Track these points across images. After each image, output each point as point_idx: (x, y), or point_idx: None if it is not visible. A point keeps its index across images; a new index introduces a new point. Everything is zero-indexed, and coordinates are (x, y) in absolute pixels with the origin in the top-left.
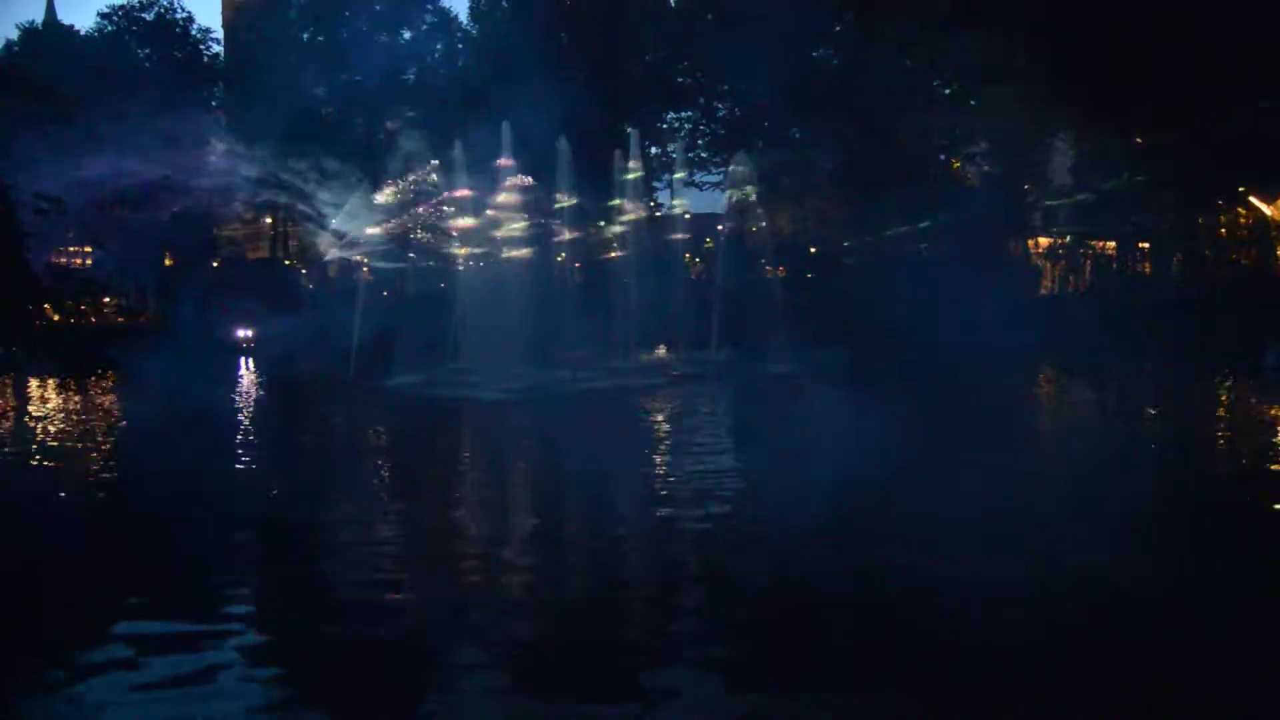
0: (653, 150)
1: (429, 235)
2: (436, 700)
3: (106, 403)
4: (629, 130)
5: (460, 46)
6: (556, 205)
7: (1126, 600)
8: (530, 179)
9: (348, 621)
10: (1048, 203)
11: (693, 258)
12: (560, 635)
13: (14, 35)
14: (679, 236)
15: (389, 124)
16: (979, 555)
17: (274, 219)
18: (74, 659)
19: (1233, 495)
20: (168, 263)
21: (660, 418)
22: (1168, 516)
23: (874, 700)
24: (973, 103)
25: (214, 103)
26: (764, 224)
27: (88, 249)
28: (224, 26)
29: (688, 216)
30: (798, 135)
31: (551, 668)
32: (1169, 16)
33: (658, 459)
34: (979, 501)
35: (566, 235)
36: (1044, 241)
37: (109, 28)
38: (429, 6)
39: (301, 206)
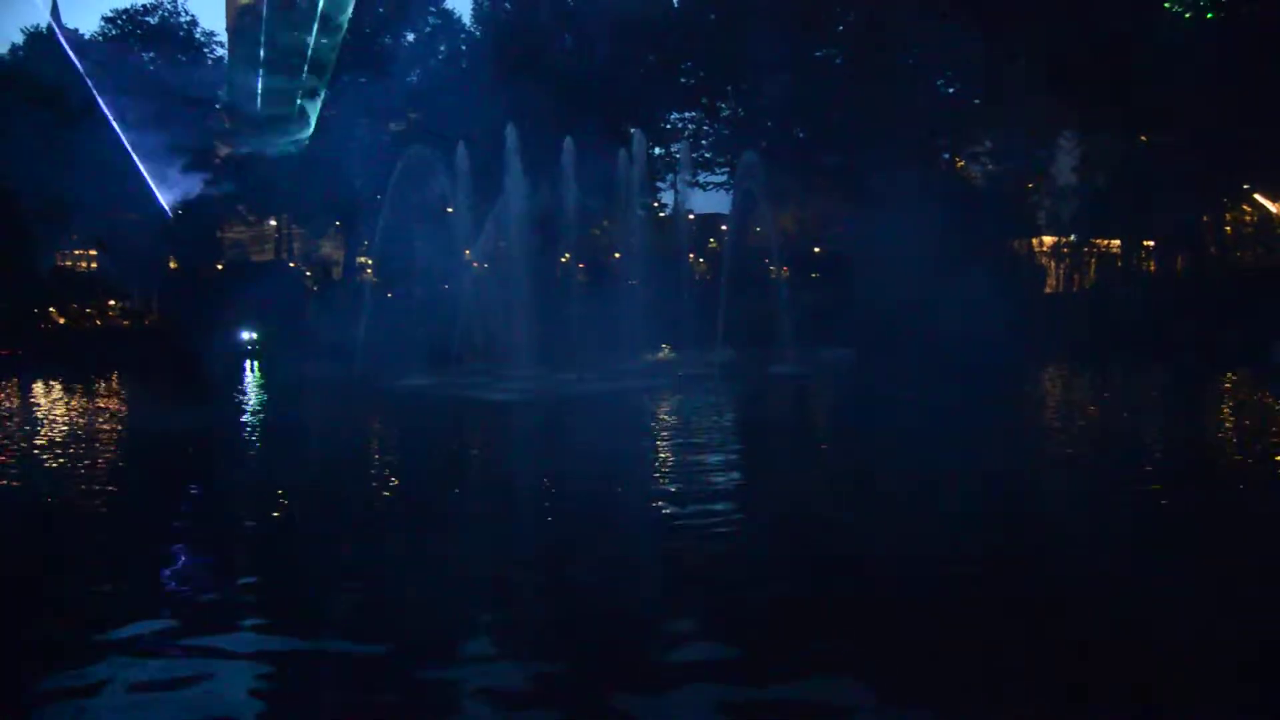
0: (656, 151)
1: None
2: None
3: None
4: (633, 131)
5: (464, 49)
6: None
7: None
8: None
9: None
10: (1051, 201)
11: (696, 258)
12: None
13: (19, 39)
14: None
15: (392, 126)
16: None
17: (278, 222)
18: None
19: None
20: (172, 265)
21: (668, 420)
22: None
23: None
24: (976, 101)
25: (217, 106)
26: (768, 224)
27: (92, 252)
28: (228, 30)
29: (692, 216)
30: (801, 135)
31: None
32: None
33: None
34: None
35: (571, 236)
36: (1048, 240)
37: (113, 32)
38: (432, 9)
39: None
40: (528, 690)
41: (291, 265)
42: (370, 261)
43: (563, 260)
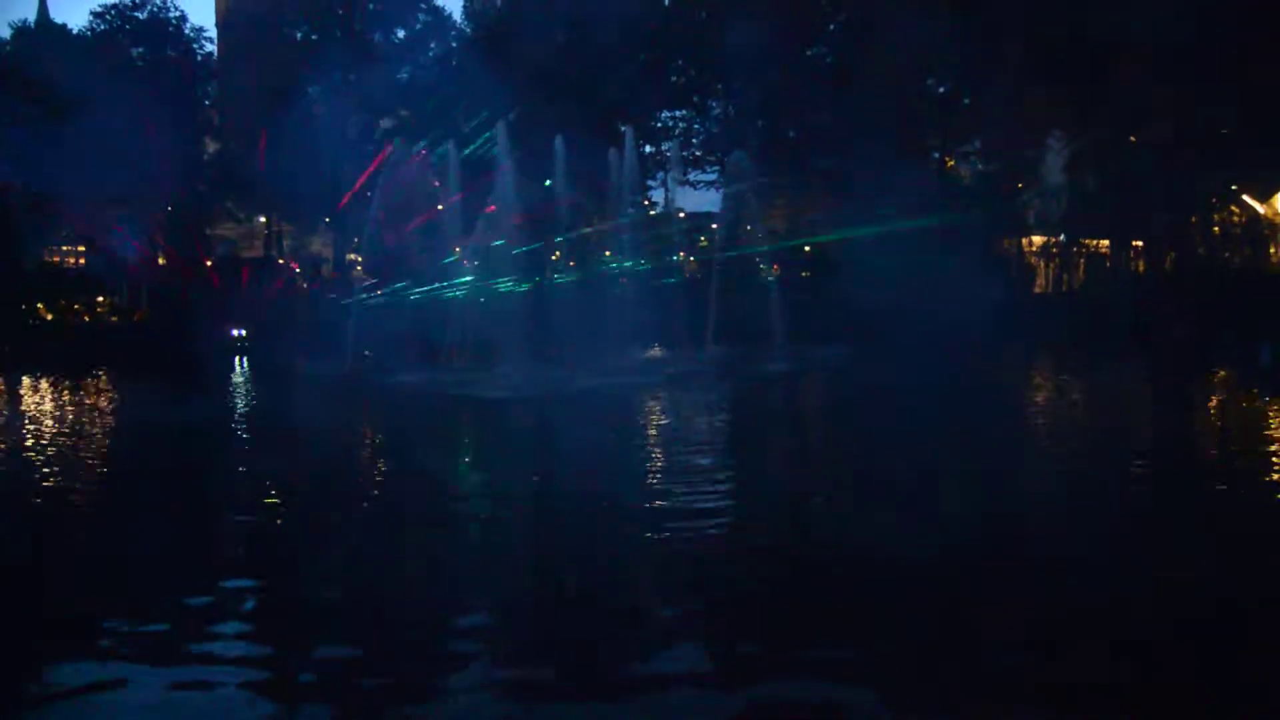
0: (647, 149)
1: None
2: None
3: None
4: (624, 129)
5: (455, 46)
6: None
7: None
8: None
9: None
10: (1041, 201)
11: (687, 256)
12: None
13: (6, 34)
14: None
15: (382, 123)
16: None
17: (268, 218)
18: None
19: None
20: (161, 262)
21: (659, 417)
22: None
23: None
24: (966, 101)
25: (207, 102)
26: (759, 222)
27: (81, 248)
28: (217, 25)
29: (682, 215)
30: (791, 134)
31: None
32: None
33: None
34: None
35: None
36: (1037, 240)
37: (102, 27)
38: (423, 6)
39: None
40: (514, 698)
41: (281, 261)
42: (360, 258)
43: (554, 258)
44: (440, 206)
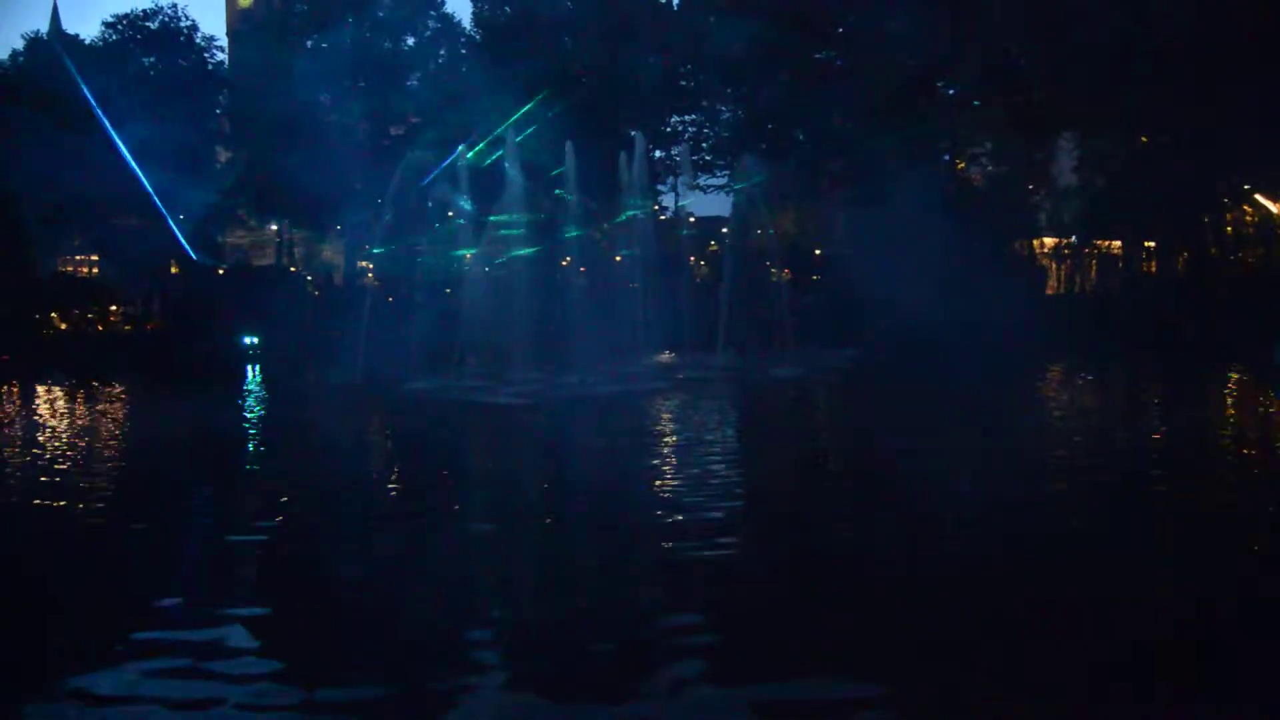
0: (657, 154)
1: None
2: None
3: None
4: (633, 134)
5: (464, 52)
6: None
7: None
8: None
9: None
10: (1053, 202)
11: (697, 260)
12: None
13: (19, 45)
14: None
15: (393, 130)
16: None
17: (279, 226)
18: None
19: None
20: (174, 270)
21: (671, 424)
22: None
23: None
24: (976, 103)
25: (218, 110)
26: (769, 226)
27: (94, 257)
28: (228, 34)
29: (692, 219)
30: (801, 137)
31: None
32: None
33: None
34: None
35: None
36: (1049, 242)
37: (113, 37)
38: (432, 12)
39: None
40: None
41: (293, 269)
42: (371, 265)
43: (563, 263)
44: (451, 213)
